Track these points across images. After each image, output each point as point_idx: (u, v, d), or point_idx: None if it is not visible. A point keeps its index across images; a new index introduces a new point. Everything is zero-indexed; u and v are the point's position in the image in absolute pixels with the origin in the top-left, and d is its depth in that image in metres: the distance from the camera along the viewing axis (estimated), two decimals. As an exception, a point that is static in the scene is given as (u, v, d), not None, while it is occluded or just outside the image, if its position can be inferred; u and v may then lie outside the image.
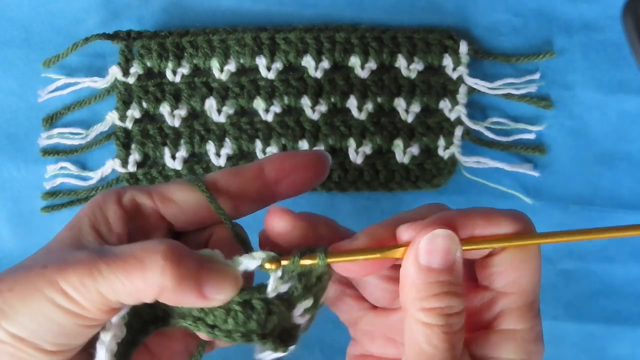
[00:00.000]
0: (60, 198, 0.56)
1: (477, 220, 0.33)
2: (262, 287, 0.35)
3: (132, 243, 0.33)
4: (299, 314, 0.35)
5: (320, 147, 0.55)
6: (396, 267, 0.34)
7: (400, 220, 0.35)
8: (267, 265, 0.34)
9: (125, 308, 0.34)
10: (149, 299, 0.32)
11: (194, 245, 0.37)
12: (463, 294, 0.32)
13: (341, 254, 0.34)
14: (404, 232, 0.33)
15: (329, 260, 0.34)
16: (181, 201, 0.36)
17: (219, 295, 0.33)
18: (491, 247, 0.33)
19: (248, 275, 0.35)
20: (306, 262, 0.34)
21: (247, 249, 0.36)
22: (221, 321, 0.35)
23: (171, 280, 0.31)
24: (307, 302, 0.35)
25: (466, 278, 0.34)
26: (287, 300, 0.35)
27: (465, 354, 0.33)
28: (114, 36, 0.55)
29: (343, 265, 0.34)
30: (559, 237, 0.33)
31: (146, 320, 0.37)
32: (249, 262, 0.34)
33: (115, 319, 0.34)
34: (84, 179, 0.56)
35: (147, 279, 0.31)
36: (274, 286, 0.34)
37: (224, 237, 0.37)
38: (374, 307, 0.38)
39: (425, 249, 0.32)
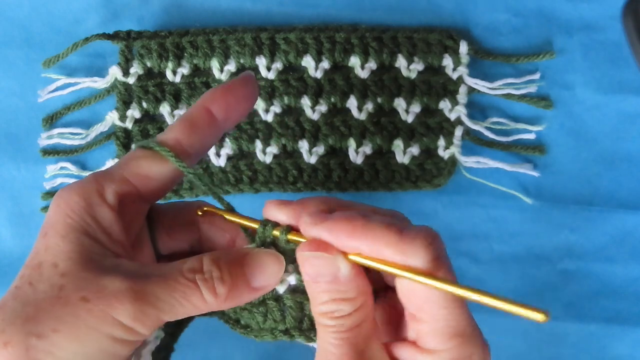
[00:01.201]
0: (60, 198, 0.56)
1: (361, 242, 0.32)
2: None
3: (169, 264, 0.34)
4: None
5: (320, 147, 0.55)
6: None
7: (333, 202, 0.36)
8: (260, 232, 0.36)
9: None
10: (206, 311, 0.34)
11: (182, 241, 0.39)
12: (357, 295, 0.33)
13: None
14: (302, 226, 0.34)
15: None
16: (157, 175, 0.36)
17: (267, 280, 0.35)
18: (373, 268, 0.33)
19: None
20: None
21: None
22: (250, 321, 0.36)
23: (225, 294, 0.33)
24: None
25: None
26: (305, 292, 0.36)
27: (379, 351, 0.34)
28: (114, 36, 0.55)
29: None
30: (444, 283, 0.31)
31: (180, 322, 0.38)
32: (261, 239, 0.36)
33: (151, 336, 0.36)
34: (84, 179, 0.56)
35: (206, 300, 0.33)
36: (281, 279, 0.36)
37: (209, 227, 0.39)
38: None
39: (305, 264, 0.34)
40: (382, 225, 0.32)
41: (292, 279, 0.36)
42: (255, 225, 0.36)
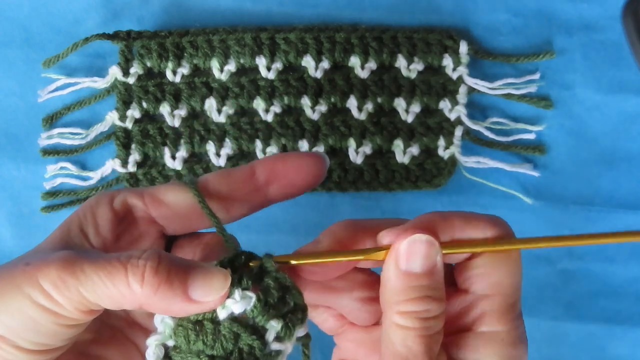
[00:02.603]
0: (60, 198, 0.56)
1: (456, 224, 0.33)
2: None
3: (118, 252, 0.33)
4: (272, 339, 0.33)
5: (320, 147, 0.55)
6: (374, 286, 0.35)
7: (360, 224, 0.35)
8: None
9: (154, 344, 0.33)
10: (131, 306, 0.32)
11: (186, 251, 0.37)
12: (443, 298, 0.32)
13: (309, 256, 0.34)
14: (386, 237, 0.33)
15: (300, 262, 0.33)
16: (172, 203, 0.35)
17: (207, 296, 0.32)
18: (471, 251, 0.33)
19: None
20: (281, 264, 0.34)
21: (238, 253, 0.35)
22: (180, 341, 0.33)
23: (152, 286, 0.31)
24: (275, 326, 0.33)
25: (446, 282, 0.34)
26: (251, 327, 0.33)
27: (443, 355, 0.33)
28: (114, 36, 0.55)
29: (307, 269, 0.34)
30: (538, 242, 0.34)
31: None
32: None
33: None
34: (84, 179, 0.56)
35: (130, 284, 0.31)
36: (222, 305, 0.33)
37: (216, 243, 0.37)
38: (355, 324, 0.38)
39: (404, 253, 0.32)
40: (450, 213, 0.33)
41: (236, 307, 0.33)
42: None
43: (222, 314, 0.33)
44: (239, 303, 0.33)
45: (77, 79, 0.56)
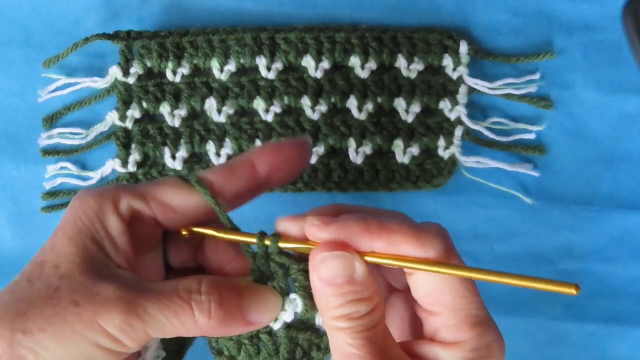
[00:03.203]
0: (60, 198, 0.56)
1: (375, 238, 0.33)
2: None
3: (168, 281, 0.34)
4: (319, 322, 0.36)
5: (320, 147, 0.55)
6: None
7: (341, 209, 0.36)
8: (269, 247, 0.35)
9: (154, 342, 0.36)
10: (194, 335, 0.34)
11: (188, 246, 0.38)
12: (372, 295, 0.33)
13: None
14: (309, 232, 0.34)
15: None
16: (180, 207, 0.36)
17: (263, 317, 0.34)
18: (390, 265, 0.33)
19: None
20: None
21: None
22: (236, 353, 0.36)
23: (217, 320, 0.33)
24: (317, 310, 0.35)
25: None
26: (302, 325, 0.36)
27: (396, 348, 0.33)
28: (114, 36, 0.55)
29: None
30: (461, 270, 0.32)
31: (183, 341, 0.38)
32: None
33: (149, 357, 0.35)
34: (84, 179, 0.56)
35: (198, 321, 0.32)
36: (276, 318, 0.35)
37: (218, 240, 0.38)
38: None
39: (320, 267, 0.33)
40: (396, 221, 0.33)
41: (287, 316, 0.35)
42: (252, 240, 0.36)
43: (276, 325, 0.36)
44: (289, 312, 0.35)
45: (77, 79, 0.56)
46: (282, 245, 0.35)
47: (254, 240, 0.35)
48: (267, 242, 0.35)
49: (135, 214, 0.35)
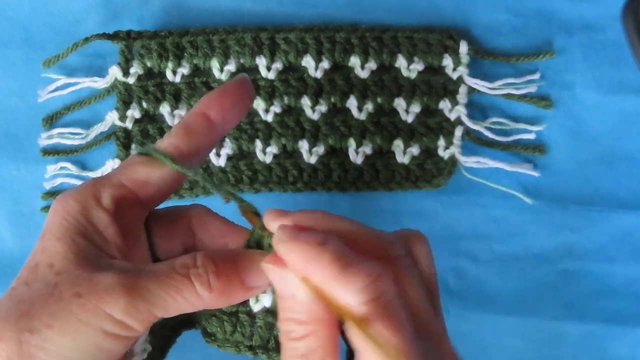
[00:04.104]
0: (60, 198, 0.56)
1: (312, 270, 0.30)
2: (246, 302, 0.36)
3: (163, 262, 0.34)
4: None
5: (320, 147, 0.55)
6: None
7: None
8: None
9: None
10: (198, 309, 0.33)
11: (176, 234, 0.39)
12: (310, 320, 0.30)
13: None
14: (273, 239, 0.33)
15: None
16: (156, 180, 0.36)
17: (261, 280, 0.34)
18: (325, 300, 0.30)
19: None
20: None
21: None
22: (215, 330, 0.36)
23: (219, 289, 0.33)
24: None
25: None
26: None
27: None
28: (114, 36, 0.55)
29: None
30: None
31: (176, 325, 0.38)
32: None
33: (138, 348, 0.35)
34: (84, 179, 0.56)
35: (200, 295, 0.32)
36: (256, 299, 0.35)
37: (203, 212, 0.39)
38: None
39: (271, 278, 0.33)
40: (334, 256, 0.29)
41: (267, 301, 0.35)
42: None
43: (256, 307, 0.36)
44: (269, 295, 0.35)
45: (77, 79, 0.56)
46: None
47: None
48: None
49: (118, 203, 0.35)
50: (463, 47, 0.55)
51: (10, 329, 0.31)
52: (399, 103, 0.55)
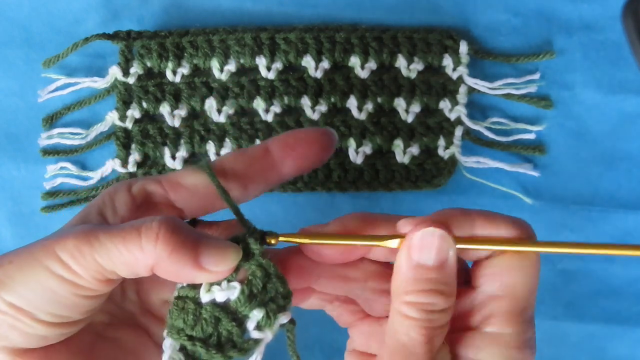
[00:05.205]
0: (60, 198, 0.56)
1: (476, 221, 0.33)
2: (197, 287, 0.34)
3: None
4: (252, 328, 0.33)
5: (320, 147, 0.55)
6: (388, 277, 0.34)
7: (371, 217, 0.35)
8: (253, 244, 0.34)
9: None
10: (144, 271, 0.32)
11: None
12: (453, 293, 0.33)
13: (321, 237, 0.34)
14: (404, 225, 0.34)
15: (312, 241, 0.34)
16: (190, 186, 0.36)
17: (217, 266, 0.32)
18: (487, 248, 0.33)
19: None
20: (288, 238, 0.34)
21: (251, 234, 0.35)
22: (168, 315, 0.34)
23: (166, 247, 0.31)
24: (257, 314, 0.33)
25: (460, 280, 0.34)
26: (232, 313, 0.33)
27: (446, 351, 0.33)
28: (114, 36, 0.55)
29: (312, 249, 0.35)
30: (559, 247, 0.33)
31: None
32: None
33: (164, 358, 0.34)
34: (84, 179, 0.56)
35: (143, 247, 0.31)
36: (207, 289, 0.33)
37: (234, 227, 0.37)
38: (369, 316, 0.38)
39: (417, 245, 0.32)
40: (477, 210, 0.34)
41: (220, 295, 0.33)
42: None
43: (205, 298, 0.33)
44: (224, 292, 0.33)
45: (77, 79, 0.56)
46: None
47: (355, 242, 0.35)
48: (379, 243, 0.34)
49: (148, 194, 0.36)
50: (463, 47, 0.55)
51: None
52: (399, 103, 0.55)
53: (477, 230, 0.33)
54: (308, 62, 0.55)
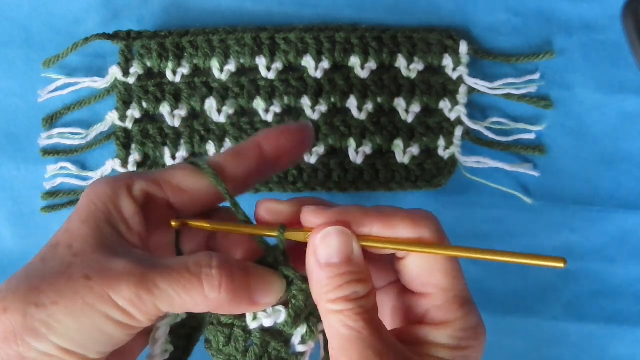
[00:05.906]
0: (60, 198, 0.56)
1: (374, 222, 0.35)
2: (243, 316, 0.36)
3: (179, 256, 0.35)
4: (297, 342, 0.36)
5: (320, 147, 0.55)
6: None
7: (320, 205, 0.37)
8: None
9: (164, 325, 0.36)
10: (202, 311, 0.34)
11: (201, 234, 0.39)
12: (368, 277, 0.34)
13: (221, 225, 0.37)
14: (307, 217, 0.35)
15: (202, 224, 0.37)
16: (191, 189, 0.37)
17: (267, 299, 0.35)
18: (386, 248, 0.35)
19: None
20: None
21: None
22: (210, 338, 0.36)
23: (227, 295, 0.33)
24: (301, 331, 0.36)
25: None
26: (279, 334, 0.36)
27: (390, 336, 0.34)
28: (114, 36, 0.55)
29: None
30: (454, 250, 0.34)
31: (190, 331, 0.38)
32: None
33: (157, 350, 0.35)
34: (84, 179, 0.56)
35: (207, 296, 0.33)
36: (252, 317, 0.36)
37: (226, 216, 0.39)
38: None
39: (321, 247, 0.34)
40: (390, 207, 0.35)
41: (267, 321, 0.35)
42: (247, 230, 0.37)
43: (253, 325, 0.36)
44: (271, 317, 0.35)
45: (77, 79, 0.56)
46: (288, 235, 0.36)
47: (249, 230, 0.36)
48: (271, 233, 0.36)
49: (149, 198, 0.36)
50: (463, 47, 0.54)
51: (18, 300, 0.31)
52: (399, 103, 0.55)
53: (375, 229, 0.35)
54: (308, 62, 0.55)
